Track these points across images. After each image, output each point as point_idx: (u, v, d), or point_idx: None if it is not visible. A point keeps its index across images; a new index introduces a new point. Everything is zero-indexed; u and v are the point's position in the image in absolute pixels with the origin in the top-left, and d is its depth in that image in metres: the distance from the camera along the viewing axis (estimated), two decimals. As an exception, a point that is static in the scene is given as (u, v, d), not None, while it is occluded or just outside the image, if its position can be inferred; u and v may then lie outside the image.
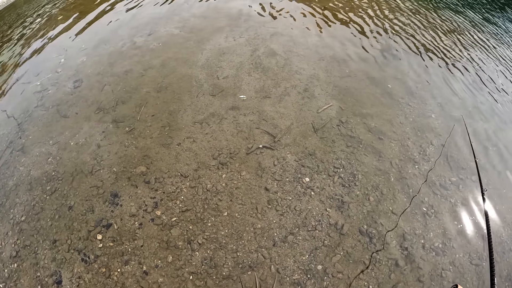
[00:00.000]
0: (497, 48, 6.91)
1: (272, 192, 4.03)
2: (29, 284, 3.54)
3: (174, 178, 4.20)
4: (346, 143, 4.54)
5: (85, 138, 4.78)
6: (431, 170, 4.25)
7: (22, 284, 3.56)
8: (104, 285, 3.43)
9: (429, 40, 6.73)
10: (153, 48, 6.51)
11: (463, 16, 8.04)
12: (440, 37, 6.86)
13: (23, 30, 8.49)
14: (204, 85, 5.43)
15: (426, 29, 7.13)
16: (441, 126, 4.81)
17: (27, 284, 3.54)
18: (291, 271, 3.41)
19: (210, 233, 3.70)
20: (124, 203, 3.99)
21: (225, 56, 6.09)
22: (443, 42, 6.71)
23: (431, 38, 6.80)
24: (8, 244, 3.85)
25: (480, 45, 6.82)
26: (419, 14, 7.78)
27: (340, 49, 6.28)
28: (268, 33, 6.73)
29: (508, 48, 7.02)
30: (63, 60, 6.63)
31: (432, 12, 7.96)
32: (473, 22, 7.79)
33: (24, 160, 4.64)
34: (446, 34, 7.03)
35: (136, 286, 3.39)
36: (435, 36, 6.88)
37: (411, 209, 3.86)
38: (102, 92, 5.55)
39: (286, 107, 5.03)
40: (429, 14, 7.85)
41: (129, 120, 4.97)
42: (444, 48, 6.54)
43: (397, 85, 5.43)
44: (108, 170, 4.36)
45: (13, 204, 4.18)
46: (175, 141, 4.61)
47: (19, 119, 5.34)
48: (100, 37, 7.21)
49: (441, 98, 5.25)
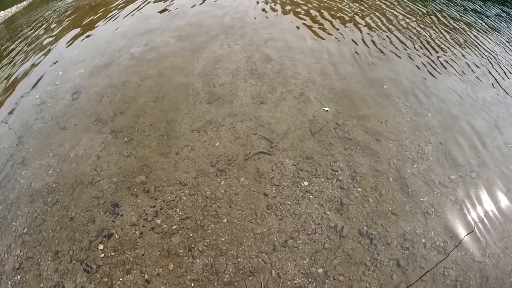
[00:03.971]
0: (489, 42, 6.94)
1: (271, 197, 4.06)
2: (32, 296, 3.58)
3: (174, 187, 4.23)
4: (343, 146, 4.57)
5: (85, 150, 4.82)
6: (430, 169, 4.27)
7: (25, 296, 3.60)
8: (106, 295, 3.47)
9: (425, 40, 6.77)
10: (150, 58, 6.56)
11: (461, 14, 8.08)
12: (436, 36, 6.89)
13: (21, 43, 8.59)
14: (201, 93, 5.47)
15: (422, 29, 7.17)
16: (438, 124, 4.84)
17: (31, 295, 3.58)
18: (292, 275, 3.43)
19: (210, 240, 3.72)
20: (125, 213, 4.02)
21: (221, 63, 6.14)
22: (439, 40, 6.75)
23: (427, 38, 6.84)
24: (11, 256, 3.88)
25: (474, 42, 6.85)
26: (416, 15, 7.83)
27: (335, 52, 6.33)
28: (263, 39, 6.79)
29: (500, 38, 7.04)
30: (61, 72, 6.69)
31: (432, 13, 8.02)
32: (470, 20, 7.83)
33: (25, 172, 4.68)
34: (442, 32, 7.07)
35: (138, 295, 3.42)
36: (431, 36, 6.92)
37: (411, 209, 3.88)
38: (100, 103, 5.59)
39: (282, 112, 5.07)
40: (428, 15, 7.90)
41: (128, 130, 5.01)
42: (440, 46, 6.57)
43: (393, 86, 5.46)
44: (108, 180, 4.39)
45: (15, 217, 4.22)
46: (173, 150, 4.64)
47: (19, 132, 5.38)
48: (97, 48, 7.28)
49: (437, 96, 5.28)
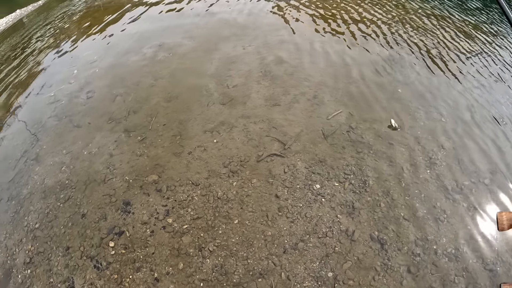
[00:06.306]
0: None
1: (282, 199, 4.03)
2: (42, 290, 3.61)
3: (186, 187, 4.23)
4: (356, 149, 4.53)
5: (98, 148, 4.86)
6: (443, 174, 4.21)
7: (35, 290, 3.63)
8: (116, 292, 3.48)
9: (441, 44, 6.69)
10: (163, 58, 6.61)
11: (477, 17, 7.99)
12: (452, 40, 6.82)
13: (37, 42, 8.70)
14: (214, 94, 5.49)
15: (439, 32, 7.10)
16: (452, 129, 4.77)
17: (41, 290, 3.62)
18: (302, 278, 3.40)
19: (221, 241, 3.71)
20: (136, 211, 4.04)
21: (234, 65, 6.15)
22: (455, 45, 6.67)
23: (443, 42, 6.76)
24: (22, 251, 3.91)
25: (490, 45, 6.76)
26: (432, 17, 7.77)
27: (348, 55, 6.29)
28: (276, 41, 6.78)
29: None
30: (75, 71, 6.77)
31: (447, 16, 7.94)
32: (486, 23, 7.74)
33: (38, 169, 4.73)
34: (458, 36, 7.00)
35: (148, 292, 3.43)
36: (447, 40, 6.84)
37: (423, 215, 3.82)
38: (114, 102, 5.65)
39: (295, 114, 5.05)
40: (444, 17, 7.83)
41: (141, 129, 5.04)
42: (455, 50, 6.50)
43: (407, 90, 5.39)
44: (120, 178, 4.41)
45: (27, 212, 4.26)
46: (186, 150, 4.66)
47: (33, 129, 5.45)
48: (111, 48, 7.37)
49: (451, 101, 5.21)
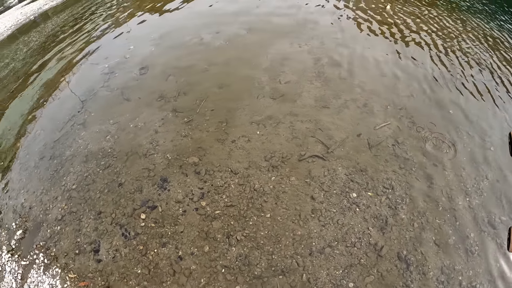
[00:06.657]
0: None
1: (317, 201, 3.91)
2: (68, 247, 3.67)
3: (224, 173, 4.18)
4: (399, 165, 4.32)
5: (144, 123, 4.91)
6: (482, 205, 3.92)
7: (61, 246, 3.69)
8: (138, 262, 3.48)
9: (495, 68, 6.21)
10: (219, 46, 6.62)
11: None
12: (507, 65, 6.34)
13: (95, 17, 9.01)
14: (266, 88, 5.41)
15: (493, 54, 6.62)
16: (499, 160, 4.43)
17: (66, 247, 3.67)
18: (322, 283, 3.27)
19: (249, 232, 3.64)
20: (172, 189, 4.02)
21: (289, 61, 6.06)
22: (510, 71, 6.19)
23: (496, 65, 6.28)
24: (56, 208, 4.01)
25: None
26: (489, 38, 7.32)
27: (404, 67, 6.01)
28: (334, 43, 6.63)
29: None
30: (132, 47, 6.91)
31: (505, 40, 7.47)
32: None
33: (84, 134, 4.83)
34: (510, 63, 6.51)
35: (169, 269, 3.40)
36: (502, 65, 6.36)
37: (454, 242, 3.58)
38: (166, 81, 5.70)
39: (343, 120, 4.89)
40: (502, 41, 7.37)
41: (189, 111, 5.05)
42: (509, 77, 6.00)
43: (459, 112, 5.08)
44: (161, 155, 4.43)
45: (66, 172, 4.36)
46: (230, 138, 4.61)
47: (84, 96, 5.61)
48: (170, 30, 7.48)
49: (501, 131, 4.83)
